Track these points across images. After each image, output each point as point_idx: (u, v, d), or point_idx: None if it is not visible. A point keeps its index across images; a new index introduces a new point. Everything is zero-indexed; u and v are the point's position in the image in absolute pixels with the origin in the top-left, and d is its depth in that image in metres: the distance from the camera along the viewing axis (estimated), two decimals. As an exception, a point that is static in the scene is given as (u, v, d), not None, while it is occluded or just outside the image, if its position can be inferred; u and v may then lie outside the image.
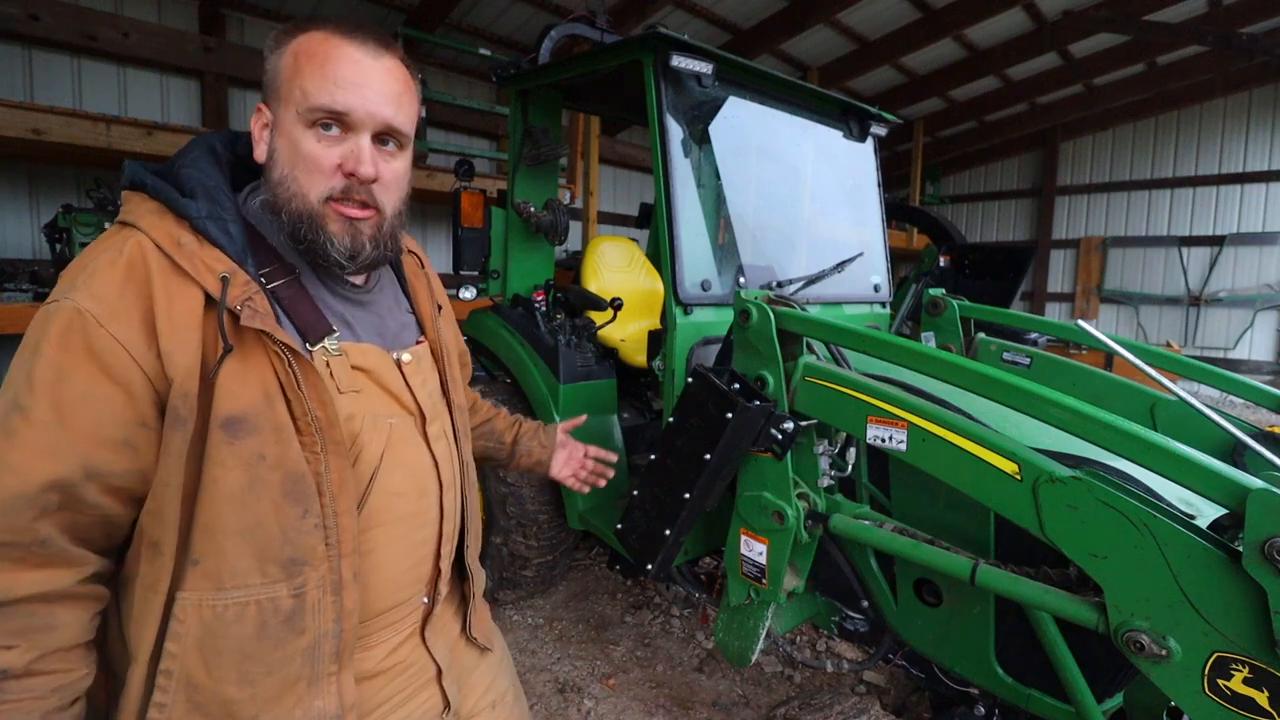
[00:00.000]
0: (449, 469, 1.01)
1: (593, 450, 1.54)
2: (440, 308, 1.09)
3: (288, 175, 0.83)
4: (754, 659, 2.00)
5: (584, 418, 1.67)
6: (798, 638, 3.00)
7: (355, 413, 0.86)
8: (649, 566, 2.03)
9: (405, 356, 0.96)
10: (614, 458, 1.58)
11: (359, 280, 0.96)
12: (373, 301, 0.97)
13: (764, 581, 1.90)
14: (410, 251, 1.09)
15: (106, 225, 4.87)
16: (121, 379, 0.72)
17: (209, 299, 0.76)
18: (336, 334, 0.87)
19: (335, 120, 0.82)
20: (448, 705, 1.03)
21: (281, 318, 0.83)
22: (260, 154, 0.87)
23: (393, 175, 0.88)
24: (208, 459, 0.75)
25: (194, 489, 0.76)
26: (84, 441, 0.72)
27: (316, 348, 0.84)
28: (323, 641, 0.82)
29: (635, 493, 2.06)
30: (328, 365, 0.84)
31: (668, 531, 1.96)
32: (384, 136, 0.86)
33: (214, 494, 0.75)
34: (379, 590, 0.91)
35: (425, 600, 1.01)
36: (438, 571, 1.01)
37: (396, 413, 0.93)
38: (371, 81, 0.83)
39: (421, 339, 1.03)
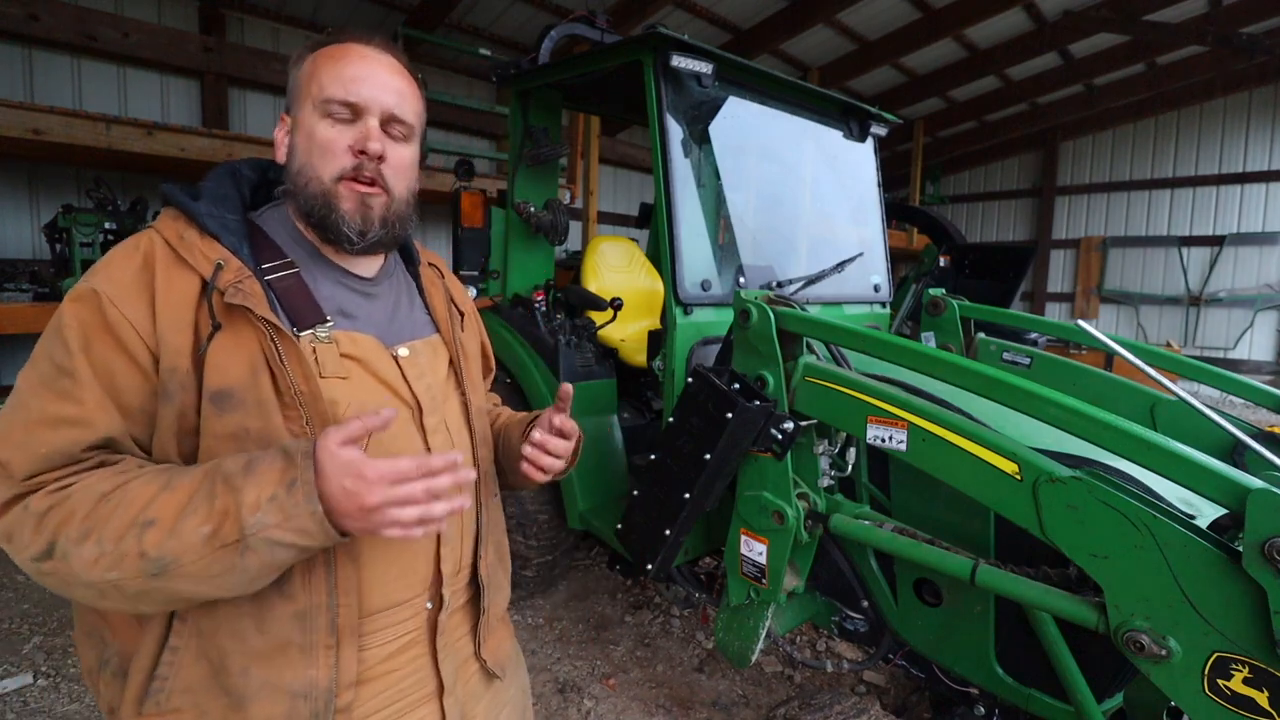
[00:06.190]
0: None
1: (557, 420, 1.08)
2: (463, 314, 1.14)
3: (305, 163, 0.92)
4: (754, 659, 2.00)
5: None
6: (798, 638, 3.00)
7: (339, 399, 0.88)
8: (649, 566, 2.03)
9: (403, 351, 0.98)
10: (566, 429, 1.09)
11: (365, 273, 0.99)
12: (378, 295, 1.01)
13: (764, 581, 1.90)
14: (431, 264, 1.15)
15: (107, 225, 4.87)
16: (133, 353, 0.79)
17: (205, 286, 0.82)
18: (330, 323, 0.90)
19: (347, 108, 0.91)
20: None
21: (275, 305, 0.87)
22: (281, 155, 0.96)
23: (399, 160, 0.95)
24: (203, 431, 0.81)
25: (195, 459, 0.82)
26: (116, 406, 0.79)
27: (305, 334, 0.87)
28: (316, 612, 0.84)
29: (635, 493, 2.07)
30: (314, 351, 0.87)
31: (668, 531, 1.96)
32: (389, 124, 0.94)
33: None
34: (367, 585, 0.90)
35: (429, 605, 0.98)
36: (439, 575, 0.99)
37: (389, 402, 0.94)
38: (378, 75, 0.93)
39: (431, 337, 1.05)
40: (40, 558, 0.74)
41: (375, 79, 0.92)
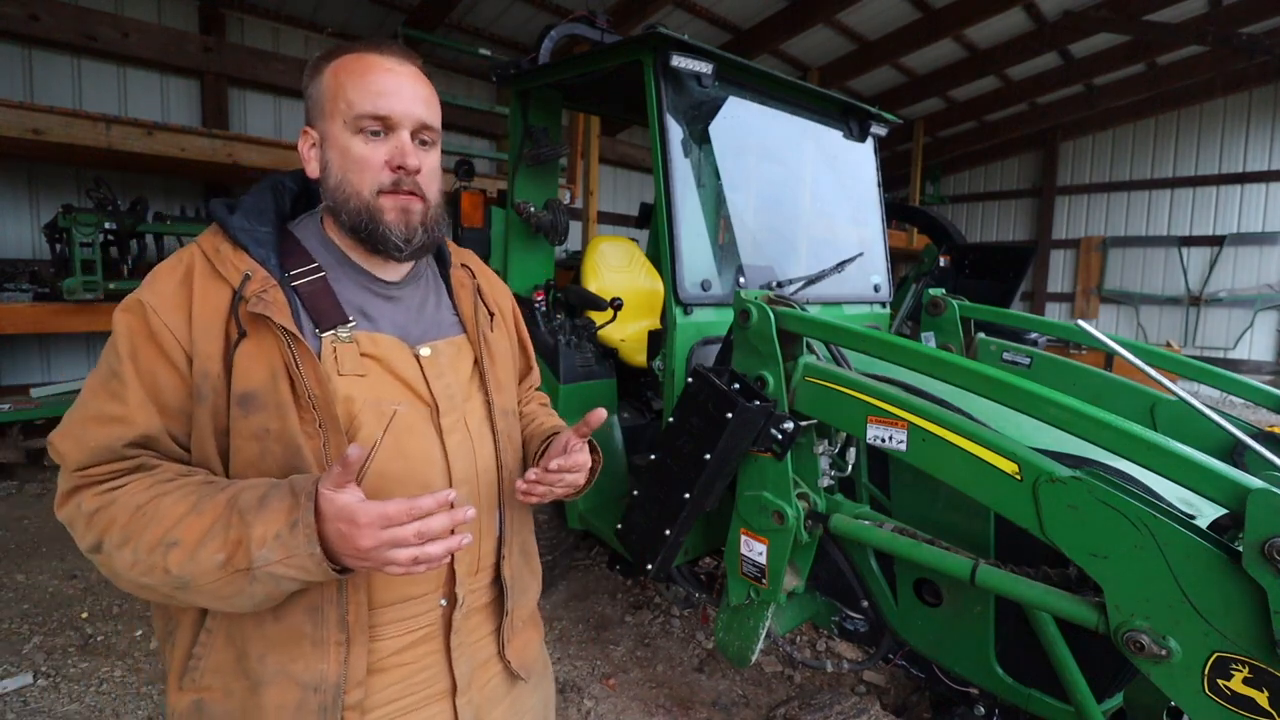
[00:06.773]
0: (465, 464, 1.01)
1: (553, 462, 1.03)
2: (493, 315, 1.17)
3: (342, 179, 0.95)
4: (754, 659, 2.01)
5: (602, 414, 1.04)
6: (798, 638, 3.00)
7: (355, 395, 0.91)
8: (649, 566, 2.03)
9: (424, 351, 1.01)
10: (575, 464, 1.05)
11: (390, 277, 1.03)
12: (402, 298, 1.04)
13: (764, 581, 1.90)
14: (464, 265, 1.18)
15: (107, 225, 4.86)
16: (172, 358, 0.86)
17: (235, 295, 0.88)
18: (352, 324, 0.94)
19: (379, 124, 0.94)
20: None
21: (300, 309, 0.92)
22: (313, 170, 0.99)
23: (430, 167, 0.99)
24: (231, 431, 0.87)
25: (229, 455, 0.89)
26: (156, 406, 0.87)
27: (327, 334, 0.92)
28: (326, 606, 0.87)
29: (635, 493, 2.07)
30: (334, 350, 0.92)
31: (668, 531, 1.96)
32: (419, 133, 0.97)
33: (237, 460, 0.88)
34: (377, 579, 0.92)
35: (443, 602, 0.99)
36: (453, 573, 1.00)
37: (407, 399, 0.96)
38: (406, 86, 0.96)
39: (456, 337, 1.08)
40: (92, 550, 0.83)
41: (403, 91, 0.95)
